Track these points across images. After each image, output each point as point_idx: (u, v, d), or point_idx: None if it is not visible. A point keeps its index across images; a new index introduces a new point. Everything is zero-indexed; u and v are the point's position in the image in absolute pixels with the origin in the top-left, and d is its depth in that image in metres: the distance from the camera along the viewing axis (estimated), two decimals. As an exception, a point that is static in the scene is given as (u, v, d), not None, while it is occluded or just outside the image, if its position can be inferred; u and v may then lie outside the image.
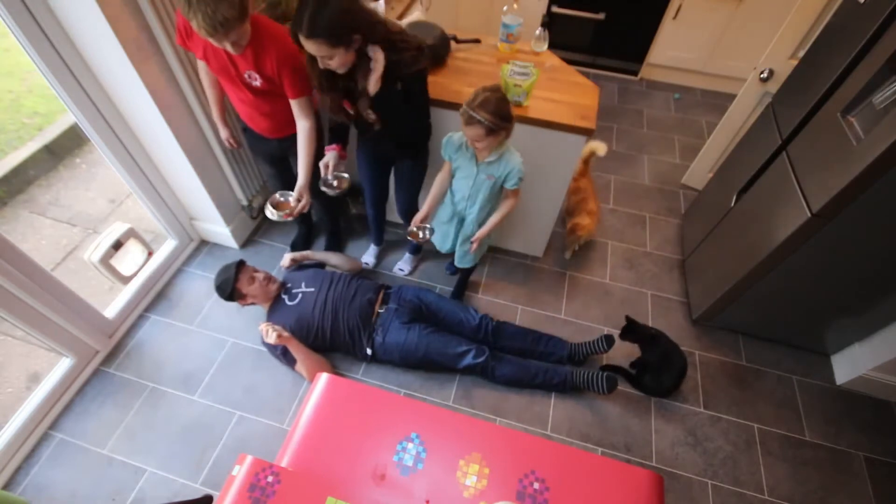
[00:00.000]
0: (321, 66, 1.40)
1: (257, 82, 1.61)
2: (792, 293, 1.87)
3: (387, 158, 1.95)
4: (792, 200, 1.63)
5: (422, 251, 2.45)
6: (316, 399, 1.31)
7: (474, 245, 1.80)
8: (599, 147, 2.35)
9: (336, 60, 1.37)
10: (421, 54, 1.48)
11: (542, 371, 1.95)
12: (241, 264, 1.94)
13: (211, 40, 1.42)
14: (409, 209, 2.03)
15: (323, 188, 1.82)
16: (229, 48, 1.47)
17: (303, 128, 1.72)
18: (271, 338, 1.76)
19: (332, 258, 2.22)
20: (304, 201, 1.82)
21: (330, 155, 1.80)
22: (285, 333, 1.82)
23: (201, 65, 1.73)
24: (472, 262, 1.99)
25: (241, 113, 1.82)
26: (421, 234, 1.82)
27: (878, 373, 1.94)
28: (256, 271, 1.96)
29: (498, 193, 1.73)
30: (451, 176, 1.78)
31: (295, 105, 1.67)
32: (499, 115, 1.45)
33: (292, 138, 1.77)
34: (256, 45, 1.52)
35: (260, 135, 1.87)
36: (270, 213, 1.82)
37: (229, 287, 1.88)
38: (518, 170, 1.62)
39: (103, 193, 2.77)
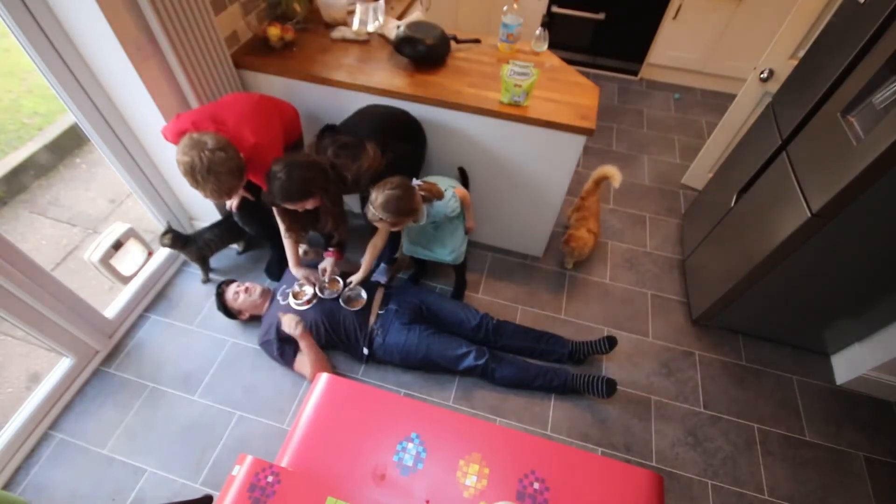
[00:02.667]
0: (300, 209, 1.64)
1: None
2: (792, 293, 1.87)
3: None
4: (792, 200, 1.63)
5: (396, 261, 2.41)
6: (316, 399, 1.31)
7: (472, 229, 2.01)
8: (615, 176, 2.27)
9: (310, 204, 1.63)
10: (373, 170, 1.65)
11: (542, 373, 1.94)
12: (221, 286, 2.07)
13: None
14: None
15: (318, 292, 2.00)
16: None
17: None
18: (298, 329, 1.84)
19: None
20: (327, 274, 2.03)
21: (328, 261, 2.00)
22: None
23: None
24: (463, 257, 2.07)
25: None
26: (354, 294, 2.00)
27: (878, 373, 1.94)
28: (238, 286, 2.06)
29: (454, 216, 1.86)
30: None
31: None
32: (398, 214, 1.62)
33: None
34: (254, 173, 1.64)
35: None
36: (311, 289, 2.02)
37: (222, 309, 2.06)
38: (450, 208, 1.78)
39: (103, 193, 2.77)
